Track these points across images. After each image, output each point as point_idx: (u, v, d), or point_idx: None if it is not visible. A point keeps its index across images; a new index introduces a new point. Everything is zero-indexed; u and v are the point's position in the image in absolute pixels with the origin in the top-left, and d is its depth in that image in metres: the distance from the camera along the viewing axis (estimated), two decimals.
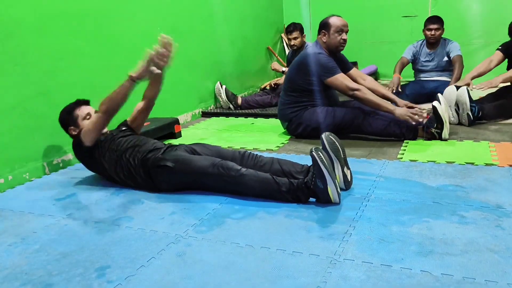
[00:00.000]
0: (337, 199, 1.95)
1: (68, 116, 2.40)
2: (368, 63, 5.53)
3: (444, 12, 5.09)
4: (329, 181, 1.91)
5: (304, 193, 1.98)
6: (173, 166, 2.13)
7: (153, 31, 3.54)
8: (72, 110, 2.41)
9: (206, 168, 2.09)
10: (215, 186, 2.13)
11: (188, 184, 2.18)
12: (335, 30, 2.99)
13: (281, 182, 2.01)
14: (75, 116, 2.39)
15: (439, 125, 2.88)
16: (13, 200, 2.25)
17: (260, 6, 5.42)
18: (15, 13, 2.44)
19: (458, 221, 1.74)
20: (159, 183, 2.20)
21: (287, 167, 2.19)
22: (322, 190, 1.93)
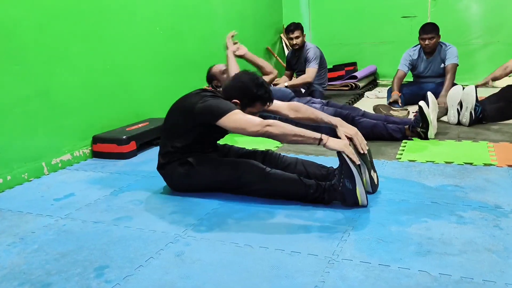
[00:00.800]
0: (365, 201, 1.90)
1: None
2: (368, 63, 5.54)
3: (443, 13, 5.11)
4: (358, 181, 1.87)
5: (330, 195, 1.94)
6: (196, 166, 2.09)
7: (153, 31, 3.56)
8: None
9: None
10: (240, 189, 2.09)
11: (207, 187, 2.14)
12: (221, 73, 3.21)
13: (309, 183, 1.97)
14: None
15: (424, 125, 2.89)
16: (12, 200, 2.24)
17: (259, 6, 5.42)
18: (15, 13, 2.44)
19: (457, 221, 1.75)
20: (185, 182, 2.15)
21: (312, 170, 2.14)
22: (351, 191, 1.88)
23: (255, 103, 2.09)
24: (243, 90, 2.08)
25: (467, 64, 4.96)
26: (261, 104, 2.10)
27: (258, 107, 2.11)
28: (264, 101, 2.10)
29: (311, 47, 4.36)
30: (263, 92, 2.08)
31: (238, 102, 2.07)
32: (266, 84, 2.12)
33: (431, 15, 5.19)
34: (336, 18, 5.68)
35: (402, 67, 4.08)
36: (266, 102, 2.11)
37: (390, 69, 5.48)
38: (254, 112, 2.11)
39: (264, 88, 2.08)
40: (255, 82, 2.08)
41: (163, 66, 3.68)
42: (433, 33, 3.89)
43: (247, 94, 2.07)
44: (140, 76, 3.41)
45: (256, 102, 2.09)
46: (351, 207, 1.92)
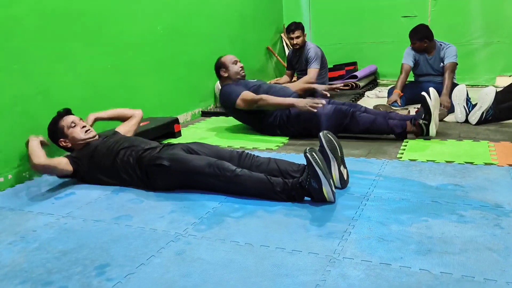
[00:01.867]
0: (332, 198, 1.95)
1: (54, 130, 2.44)
2: (368, 63, 5.53)
3: (444, 12, 5.11)
4: (323, 182, 1.92)
5: (298, 192, 1.99)
6: (169, 165, 2.14)
7: (154, 31, 3.55)
8: (56, 123, 2.44)
9: (202, 168, 2.11)
10: (210, 186, 2.14)
11: (183, 183, 2.19)
12: (230, 62, 3.36)
13: (276, 182, 2.02)
14: (61, 127, 2.43)
15: (427, 116, 2.87)
16: (13, 198, 2.25)
17: (260, 6, 5.42)
18: (15, 13, 2.44)
19: (457, 220, 1.75)
20: (155, 182, 2.22)
21: (284, 166, 2.20)
22: (317, 190, 1.94)
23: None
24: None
25: (468, 64, 4.96)
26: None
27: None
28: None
29: (311, 47, 4.36)
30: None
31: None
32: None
33: (431, 14, 5.18)
34: (337, 18, 5.67)
35: (407, 61, 4.08)
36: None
37: (390, 69, 5.48)
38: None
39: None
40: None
41: (163, 65, 3.68)
42: (414, 39, 3.94)
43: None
44: (141, 75, 3.41)
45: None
46: (350, 205, 1.93)
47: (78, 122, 2.44)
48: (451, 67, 3.84)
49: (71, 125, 2.42)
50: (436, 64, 3.99)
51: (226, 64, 3.35)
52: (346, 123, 3.00)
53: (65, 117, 2.45)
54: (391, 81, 5.46)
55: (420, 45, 3.92)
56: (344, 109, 3.02)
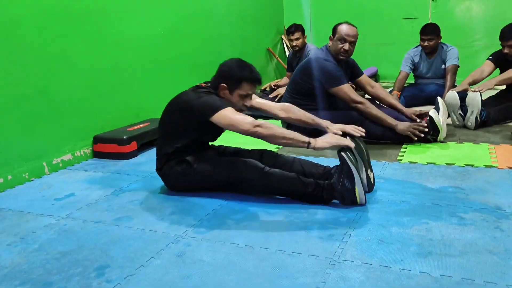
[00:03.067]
0: (363, 200, 1.93)
1: (237, 78, 2.08)
2: (369, 64, 5.52)
3: (445, 14, 5.11)
4: (357, 182, 1.89)
5: (328, 194, 1.96)
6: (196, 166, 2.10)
7: (154, 31, 3.56)
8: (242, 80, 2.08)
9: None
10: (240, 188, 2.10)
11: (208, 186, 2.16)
12: (338, 38, 2.96)
13: (307, 182, 1.98)
14: (240, 87, 2.09)
15: (435, 133, 2.89)
16: (13, 199, 2.25)
17: (260, 7, 5.43)
18: (15, 12, 2.44)
19: (457, 223, 1.74)
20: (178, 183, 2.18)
21: (309, 168, 2.15)
22: (350, 190, 1.91)
23: (241, 85, 2.08)
24: (227, 74, 2.10)
25: (469, 66, 4.92)
26: (248, 85, 2.09)
27: (245, 89, 2.09)
28: (250, 80, 2.09)
29: (312, 49, 4.35)
30: (248, 72, 2.08)
31: (226, 86, 2.09)
32: (252, 66, 2.13)
33: (432, 16, 5.19)
34: (338, 19, 5.60)
35: (404, 68, 4.08)
36: (252, 82, 2.10)
37: (391, 71, 5.48)
38: (244, 95, 2.11)
39: (249, 68, 2.10)
40: (238, 64, 2.11)
41: (164, 66, 3.68)
42: (433, 35, 3.89)
43: (232, 77, 2.08)
44: (141, 76, 3.41)
45: (242, 83, 2.08)
46: (350, 207, 1.93)
47: (251, 98, 2.19)
48: (453, 69, 3.84)
49: (246, 94, 2.13)
50: (438, 66, 3.99)
51: None
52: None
53: (252, 84, 2.12)
54: (392, 83, 5.44)
55: (435, 42, 3.89)
56: (354, 115, 3.00)
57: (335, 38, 2.98)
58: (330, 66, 2.95)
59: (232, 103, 2.09)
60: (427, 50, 3.96)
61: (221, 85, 2.09)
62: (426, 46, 3.92)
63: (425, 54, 4.02)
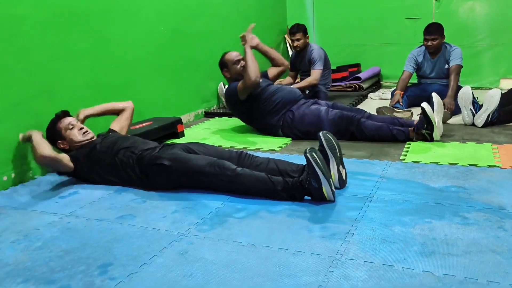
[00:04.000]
0: (331, 197, 1.97)
1: (52, 132, 2.43)
2: (372, 64, 5.52)
3: (448, 14, 5.10)
4: (323, 181, 1.94)
5: (299, 191, 2.00)
6: (170, 164, 2.15)
7: (157, 30, 3.56)
8: (54, 125, 2.44)
9: (203, 167, 2.11)
10: (211, 185, 2.15)
11: (183, 183, 2.20)
12: (231, 63, 3.34)
13: (276, 181, 2.03)
14: (59, 129, 2.43)
15: (429, 126, 2.88)
16: (16, 197, 2.25)
17: (263, 7, 5.42)
18: (19, 11, 2.45)
19: (461, 222, 1.74)
20: (155, 181, 2.22)
21: (283, 166, 2.22)
22: (317, 189, 1.95)
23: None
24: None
25: (472, 66, 4.95)
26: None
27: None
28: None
29: (315, 48, 4.35)
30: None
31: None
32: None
33: (435, 16, 5.17)
34: (340, 19, 5.66)
35: (407, 68, 4.07)
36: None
37: (393, 71, 5.47)
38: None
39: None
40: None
41: (166, 65, 3.69)
42: (437, 34, 3.87)
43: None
44: (144, 75, 3.42)
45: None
46: (353, 206, 1.93)
47: (75, 124, 2.45)
48: (456, 69, 3.82)
49: (68, 127, 2.42)
50: (441, 65, 3.98)
51: (228, 65, 3.35)
52: (352, 130, 3.00)
53: (63, 119, 2.45)
54: (394, 83, 5.43)
55: (439, 42, 3.88)
56: (350, 115, 3.01)
57: (229, 65, 3.40)
58: (230, 88, 3.36)
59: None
60: (431, 50, 3.95)
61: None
62: (430, 46, 3.91)
63: (429, 54, 4.00)
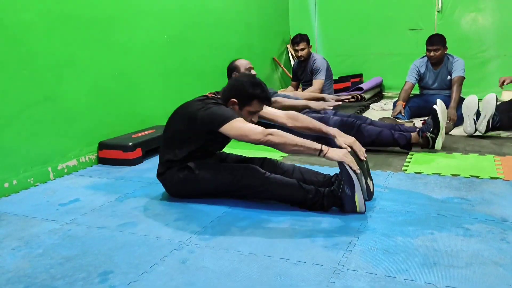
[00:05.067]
0: (362, 207, 1.94)
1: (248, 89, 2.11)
2: (374, 75, 5.54)
3: (450, 25, 5.12)
4: (357, 189, 1.91)
5: (329, 201, 1.98)
6: (198, 172, 2.12)
7: (161, 38, 3.58)
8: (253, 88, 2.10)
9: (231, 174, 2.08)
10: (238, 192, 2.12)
11: (207, 191, 2.17)
12: (244, 68, 3.14)
13: (308, 189, 2.00)
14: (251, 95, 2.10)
15: (435, 130, 2.86)
16: (18, 204, 2.25)
17: (266, 16, 5.45)
18: (25, 17, 2.47)
19: (463, 234, 1.73)
20: (179, 189, 2.19)
21: (309, 176, 2.18)
22: (350, 197, 1.92)
23: (252, 102, 2.11)
24: (240, 89, 2.12)
25: (475, 77, 4.95)
26: (258, 103, 2.13)
27: (255, 106, 2.13)
28: (261, 99, 2.12)
29: (317, 58, 4.37)
30: (259, 92, 2.11)
31: (236, 101, 2.11)
32: (264, 84, 2.15)
33: (437, 28, 5.20)
34: (343, 29, 5.69)
35: (410, 78, 4.07)
36: (263, 101, 2.14)
37: (395, 81, 5.49)
38: (253, 112, 2.14)
39: (261, 87, 2.12)
40: (251, 81, 2.13)
41: (169, 74, 3.70)
42: (439, 45, 3.89)
43: (244, 93, 2.11)
44: (147, 83, 3.43)
45: (253, 100, 2.11)
46: (355, 216, 1.92)
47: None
48: (459, 81, 3.83)
49: (255, 112, 2.16)
50: (444, 76, 3.99)
51: (239, 69, 3.22)
52: (352, 135, 2.97)
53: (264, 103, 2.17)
54: (396, 93, 5.45)
55: (441, 52, 3.90)
56: (350, 121, 3.02)
57: (242, 71, 3.15)
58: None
59: None
60: (433, 61, 3.96)
61: (232, 100, 2.12)
62: (432, 57, 3.92)
63: (431, 65, 4.02)
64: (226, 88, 2.19)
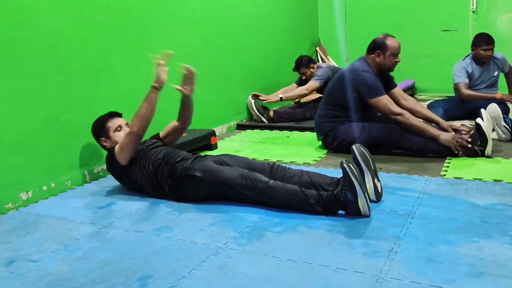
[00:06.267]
0: (367, 211, 1.92)
1: (100, 127, 2.47)
2: (405, 77, 5.42)
3: (485, 26, 4.97)
4: (359, 194, 1.89)
5: (333, 205, 1.96)
6: (201, 176, 2.15)
7: (192, 43, 3.60)
8: (104, 121, 2.47)
9: (235, 179, 2.10)
10: (242, 197, 2.13)
11: (214, 194, 2.19)
12: (392, 53, 2.95)
13: (310, 194, 1.99)
14: (107, 127, 2.46)
15: (483, 143, 2.78)
16: (56, 207, 2.29)
17: (295, 19, 5.43)
18: (61, 24, 2.52)
19: (510, 242, 1.66)
20: (186, 193, 2.22)
21: (317, 179, 2.18)
22: (352, 202, 1.91)
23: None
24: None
25: None
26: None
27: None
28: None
29: (322, 67, 4.46)
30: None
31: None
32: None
33: (472, 28, 5.06)
34: (373, 31, 5.52)
35: (462, 79, 3.96)
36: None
37: (428, 84, 5.38)
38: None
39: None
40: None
41: (200, 78, 3.67)
42: (494, 44, 3.88)
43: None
44: None
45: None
46: (395, 224, 1.87)
47: (124, 127, 2.47)
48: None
49: (117, 129, 2.45)
50: (489, 74, 3.96)
51: (386, 50, 2.99)
52: (395, 138, 2.91)
53: (114, 118, 2.48)
54: (429, 96, 5.35)
55: (492, 52, 3.89)
56: (393, 127, 2.93)
57: (388, 53, 2.95)
58: (369, 77, 2.93)
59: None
60: (486, 60, 3.93)
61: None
62: (488, 56, 3.88)
63: (477, 64, 3.95)
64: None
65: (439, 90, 5.20)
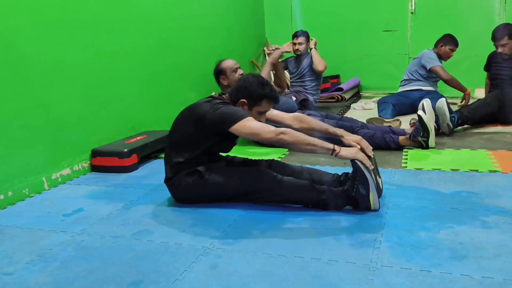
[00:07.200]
0: (377, 205, 1.96)
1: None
2: (351, 75, 5.63)
3: (423, 27, 5.29)
4: (372, 187, 1.92)
5: (343, 200, 1.98)
6: (207, 177, 2.08)
7: (147, 42, 3.50)
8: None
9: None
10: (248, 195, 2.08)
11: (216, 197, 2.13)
12: (230, 70, 3.21)
13: (321, 189, 2.00)
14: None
15: (425, 134, 2.95)
16: (17, 216, 2.13)
17: (244, 19, 5.44)
18: (14, 23, 2.35)
19: (482, 226, 1.78)
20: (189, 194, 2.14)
21: (317, 176, 2.18)
22: (364, 196, 1.93)
23: (261, 102, 2.13)
24: (249, 90, 2.12)
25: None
26: (267, 102, 2.14)
27: (264, 106, 2.15)
28: (270, 99, 2.14)
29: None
30: (268, 91, 2.13)
31: (245, 101, 2.11)
32: (271, 84, 2.18)
33: (411, 29, 5.35)
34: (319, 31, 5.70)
35: (438, 63, 4.25)
36: (271, 100, 2.15)
37: (372, 82, 5.61)
38: (262, 112, 2.16)
39: (269, 87, 2.15)
40: (260, 81, 2.14)
41: (156, 78, 3.62)
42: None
43: (253, 93, 2.11)
44: (135, 88, 3.34)
45: (262, 100, 2.12)
46: (372, 213, 1.94)
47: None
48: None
49: (264, 111, 2.19)
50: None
51: (226, 72, 3.23)
52: None
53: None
54: (374, 93, 5.58)
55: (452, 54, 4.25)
56: (346, 125, 3.05)
57: (228, 72, 3.22)
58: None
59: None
60: (448, 59, 4.29)
61: (241, 100, 2.12)
62: (451, 56, 4.28)
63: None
64: (235, 89, 2.17)
65: (383, 88, 5.45)
